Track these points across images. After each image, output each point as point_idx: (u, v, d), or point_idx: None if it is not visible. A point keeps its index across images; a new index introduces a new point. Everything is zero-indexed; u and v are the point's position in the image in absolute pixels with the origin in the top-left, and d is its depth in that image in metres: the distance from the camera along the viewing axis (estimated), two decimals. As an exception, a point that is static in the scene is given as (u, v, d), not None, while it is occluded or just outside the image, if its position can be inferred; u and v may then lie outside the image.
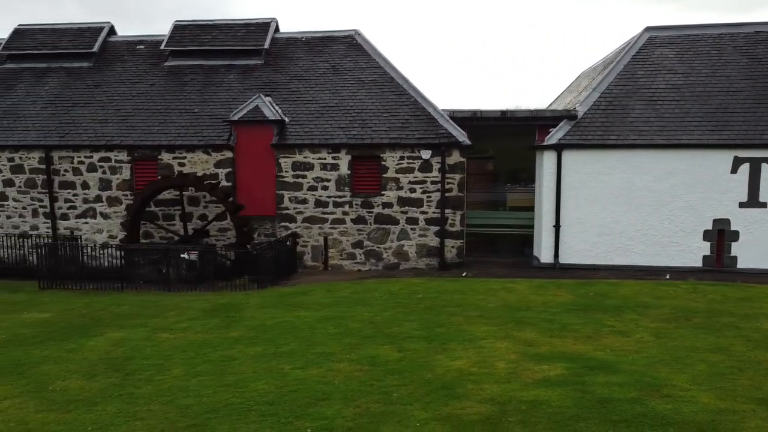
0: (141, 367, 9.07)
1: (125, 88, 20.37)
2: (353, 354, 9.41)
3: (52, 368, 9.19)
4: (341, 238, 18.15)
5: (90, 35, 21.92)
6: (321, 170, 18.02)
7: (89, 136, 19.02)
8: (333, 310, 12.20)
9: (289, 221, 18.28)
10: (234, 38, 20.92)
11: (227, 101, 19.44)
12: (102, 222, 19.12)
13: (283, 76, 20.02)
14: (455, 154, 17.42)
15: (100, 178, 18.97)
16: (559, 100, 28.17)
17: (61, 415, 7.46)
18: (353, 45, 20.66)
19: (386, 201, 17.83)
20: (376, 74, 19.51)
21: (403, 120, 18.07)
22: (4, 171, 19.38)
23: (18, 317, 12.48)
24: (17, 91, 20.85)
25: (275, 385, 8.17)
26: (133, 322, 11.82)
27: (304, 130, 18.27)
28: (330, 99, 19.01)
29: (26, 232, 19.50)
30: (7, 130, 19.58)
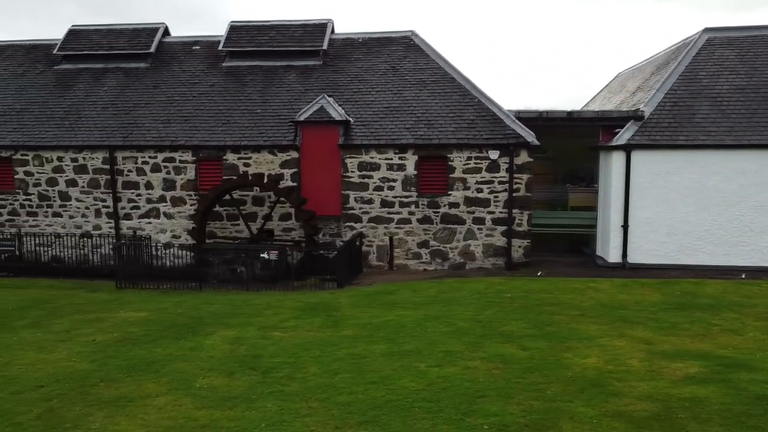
0: (275, 366, 9.16)
1: (185, 89, 20.47)
2: (479, 352, 9.52)
3: (185, 366, 9.28)
4: (407, 238, 18.26)
5: (146, 36, 22.02)
6: (387, 170, 18.13)
7: (153, 137, 19.12)
8: (431, 309, 12.31)
9: (354, 221, 18.39)
10: (292, 39, 21.02)
11: (289, 102, 19.55)
12: (165, 222, 19.22)
13: (343, 77, 20.12)
14: (523, 154, 17.54)
15: (164, 179, 19.07)
16: (597, 101, 28.33)
17: (224, 412, 7.56)
18: (411, 46, 20.77)
19: (453, 201, 17.94)
20: (437, 75, 19.62)
21: (469, 120, 18.18)
22: (68, 171, 19.49)
23: (116, 316, 12.57)
24: (76, 92, 20.95)
25: (422, 382, 8.28)
26: (237, 321, 11.91)
27: (369, 130, 18.38)
28: (393, 100, 19.12)
29: (89, 232, 19.60)
30: (69, 131, 19.68)
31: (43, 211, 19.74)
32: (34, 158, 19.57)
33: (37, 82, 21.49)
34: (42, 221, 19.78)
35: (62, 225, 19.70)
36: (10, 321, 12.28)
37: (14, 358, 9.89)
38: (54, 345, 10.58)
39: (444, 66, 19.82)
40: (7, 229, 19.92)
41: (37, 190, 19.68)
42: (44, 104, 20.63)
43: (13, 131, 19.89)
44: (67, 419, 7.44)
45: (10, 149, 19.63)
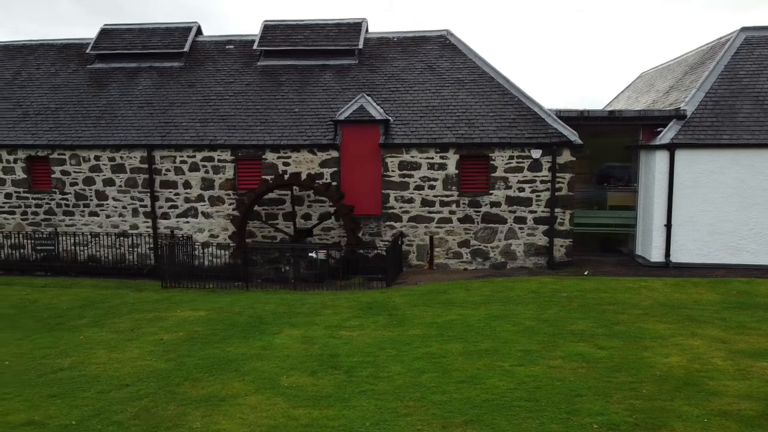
0: (355, 365, 9.13)
1: (221, 88, 20.43)
2: (557, 351, 9.49)
3: (264, 365, 9.25)
4: (447, 237, 18.22)
5: (179, 35, 21.98)
6: (428, 170, 18.10)
7: (191, 136, 19.07)
8: (491, 309, 12.28)
9: (394, 220, 18.36)
10: (327, 38, 20.99)
11: (326, 101, 19.51)
12: (203, 221, 19.18)
13: (379, 76, 20.09)
14: (566, 153, 17.50)
15: (202, 178, 19.03)
16: (621, 101, 28.30)
17: (322, 411, 7.53)
18: (447, 45, 20.74)
19: (494, 200, 17.90)
20: (475, 74, 19.59)
21: (510, 119, 18.15)
22: (105, 170, 19.45)
23: (175, 315, 12.53)
24: (110, 91, 20.91)
25: (512, 382, 8.25)
26: (299, 320, 11.88)
27: (410, 129, 18.34)
28: (431, 99, 19.08)
29: (126, 231, 19.56)
30: (105, 130, 19.64)
31: (79, 210, 19.69)
32: (71, 157, 19.52)
33: (71, 82, 21.44)
34: (78, 220, 19.73)
35: (99, 224, 19.65)
36: (71, 320, 12.25)
37: (87, 357, 9.86)
38: (122, 344, 10.54)
39: (481, 65, 19.79)
40: (44, 228, 19.88)
41: (74, 190, 19.63)
42: (79, 103, 20.58)
43: (50, 130, 19.85)
44: (165, 418, 7.41)
45: (47, 148, 19.58)
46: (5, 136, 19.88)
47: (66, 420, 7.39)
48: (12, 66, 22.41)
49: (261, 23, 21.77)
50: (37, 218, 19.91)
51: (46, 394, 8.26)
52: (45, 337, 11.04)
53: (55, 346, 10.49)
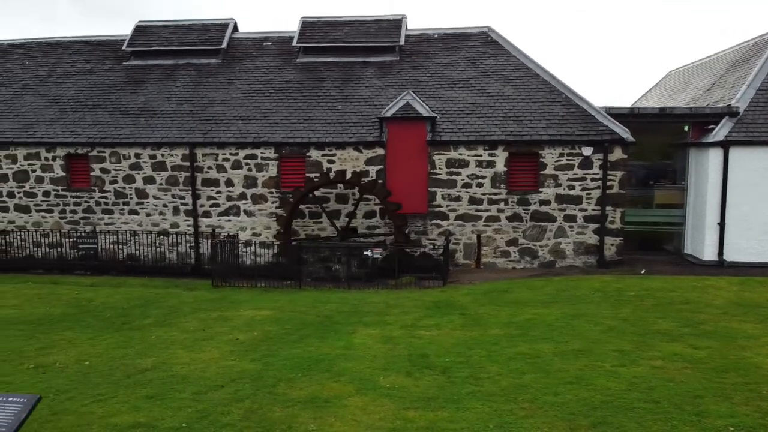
0: (449, 365, 8.90)
1: (261, 85, 20.20)
2: (652, 351, 9.27)
3: (354, 365, 9.00)
4: (495, 236, 17.99)
5: (216, 31, 21.76)
6: (476, 167, 17.86)
7: (233, 133, 18.84)
8: (564, 308, 12.05)
9: (441, 219, 18.13)
10: (367, 35, 20.76)
11: (369, 98, 19.28)
12: (245, 219, 18.94)
13: (422, 72, 19.86)
14: (617, 150, 17.27)
15: (245, 176, 18.79)
16: (650, 99, 28.08)
17: (436, 413, 7.29)
18: (489, 41, 20.51)
19: (543, 198, 17.68)
20: (520, 71, 19.36)
21: (559, 117, 17.92)
22: (145, 168, 19.21)
23: (239, 314, 12.28)
24: (148, 88, 20.68)
25: (621, 383, 8.02)
26: (370, 319, 11.64)
27: (457, 126, 18.12)
28: (477, 96, 18.85)
29: (166, 229, 19.33)
30: (145, 127, 19.40)
31: (119, 208, 19.46)
32: (111, 155, 19.28)
33: (108, 79, 21.20)
34: (118, 219, 19.49)
35: (139, 223, 19.41)
36: (135, 319, 12.01)
37: (168, 357, 9.62)
38: (198, 344, 10.30)
39: (525, 62, 19.57)
40: (82, 227, 19.64)
41: (114, 188, 19.39)
42: (117, 100, 20.35)
43: (88, 128, 19.61)
44: (275, 420, 7.17)
45: (87, 146, 19.34)
46: (43, 133, 19.64)
47: (173, 422, 7.16)
48: (46, 63, 22.18)
49: (299, 20, 21.55)
50: (75, 216, 19.67)
51: (141, 395, 8.02)
52: (116, 337, 10.80)
53: (129, 346, 10.24)
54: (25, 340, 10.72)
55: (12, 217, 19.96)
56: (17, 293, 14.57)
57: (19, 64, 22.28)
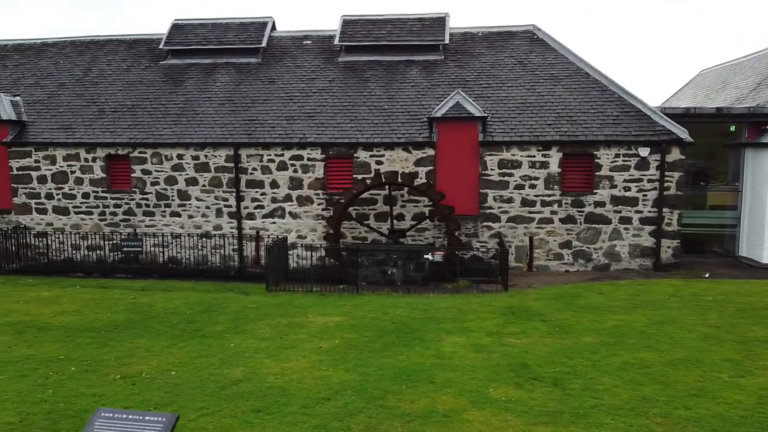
0: (557, 376, 8.55)
1: (303, 84, 19.83)
2: (763, 361, 8.92)
3: (456, 376, 8.65)
4: (548, 239, 17.64)
5: (255, 30, 21.39)
6: (529, 168, 17.51)
7: (279, 134, 18.47)
8: (647, 313, 11.70)
9: (492, 221, 17.77)
10: (410, 33, 20.40)
11: (416, 97, 18.92)
12: (291, 222, 18.57)
13: (469, 71, 19.50)
14: (675, 151, 16.92)
15: (290, 177, 18.42)
16: (684, 99, 27.74)
17: (568, 428, 6.94)
18: (536, 40, 20.16)
19: (598, 200, 17.32)
20: (569, 70, 19.01)
21: (613, 117, 17.57)
22: (188, 169, 18.83)
23: (312, 321, 11.91)
24: (187, 87, 20.30)
25: (749, 395, 7.69)
26: (448, 326, 11.28)
27: (509, 126, 17.76)
28: (527, 95, 18.49)
29: (208, 232, 18.95)
30: (187, 127, 19.03)
31: (160, 210, 19.08)
32: (152, 156, 18.91)
33: (145, 78, 20.83)
34: (159, 221, 19.12)
35: (181, 225, 19.04)
36: (205, 326, 11.63)
37: (256, 367, 9.25)
38: (282, 352, 9.94)
39: (575, 60, 19.22)
40: (122, 229, 19.27)
41: (155, 189, 19.01)
42: (156, 100, 19.98)
43: (128, 128, 19.23)
44: (402, 437, 6.82)
45: (128, 147, 18.96)
46: (82, 134, 19.27)
47: (295, 439, 6.80)
48: (81, 62, 21.81)
49: (339, 18, 21.19)
50: (115, 219, 19.30)
51: (247, 409, 7.66)
52: (192, 345, 10.43)
53: (210, 355, 9.88)
54: (100, 348, 10.36)
55: (50, 219, 19.58)
56: (71, 298, 14.19)
57: (53, 64, 21.91)
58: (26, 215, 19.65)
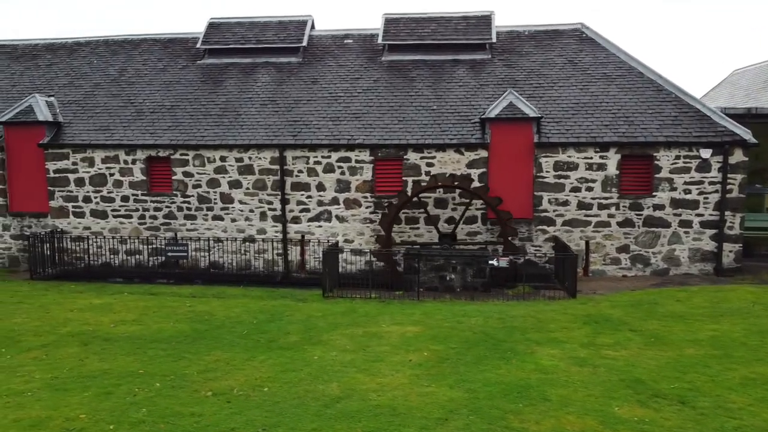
0: (679, 392, 8.07)
1: (347, 84, 19.34)
2: None
3: (569, 392, 8.16)
4: (605, 242, 17.15)
5: (294, 29, 20.90)
6: (586, 170, 17.02)
7: (325, 135, 17.97)
8: (738, 323, 11.22)
9: (547, 224, 17.29)
10: (455, 32, 19.92)
11: (465, 97, 18.44)
12: (337, 225, 18.07)
13: (517, 71, 19.02)
14: (737, 153, 16.45)
15: (337, 179, 17.92)
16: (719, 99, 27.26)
17: (722, 453, 6.46)
18: (585, 39, 19.69)
19: (657, 203, 16.84)
20: (622, 69, 18.53)
21: (672, 117, 17.09)
22: (231, 172, 18.33)
23: (385, 330, 11.40)
24: (227, 87, 19.80)
25: None
26: (536, 336, 10.80)
27: (564, 127, 17.27)
28: (580, 95, 18.01)
29: (252, 236, 18.45)
30: (229, 129, 18.52)
31: (202, 213, 18.57)
32: (194, 158, 18.40)
33: (183, 78, 20.33)
34: (201, 225, 18.61)
35: (223, 229, 18.53)
36: (278, 337, 11.12)
37: (351, 382, 8.76)
38: (371, 366, 9.45)
39: (627, 59, 18.74)
40: (163, 233, 18.76)
41: (197, 192, 18.51)
42: (196, 101, 19.47)
43: (169, 129, 18.72)
44: (546, 464, 6.33)
45: (169, 148, 18.45)
46: (122, 135, 18.76)
47: (430, 466, 6.31)
48: (116, 62, 21.30)
49: (381, 16, 20.69)
50: (155, 222, 18.79)
51: (364, 430, 7.16)
52: (273, 358, 9.93)
53: (296, 369, 9.38)
54: (176, 361, 9.86)
55: (88, 223, 19.07)
56: (125, 306, 13.69)
57: (86, 63, 21.40)
58: (63, 219, 19.14)
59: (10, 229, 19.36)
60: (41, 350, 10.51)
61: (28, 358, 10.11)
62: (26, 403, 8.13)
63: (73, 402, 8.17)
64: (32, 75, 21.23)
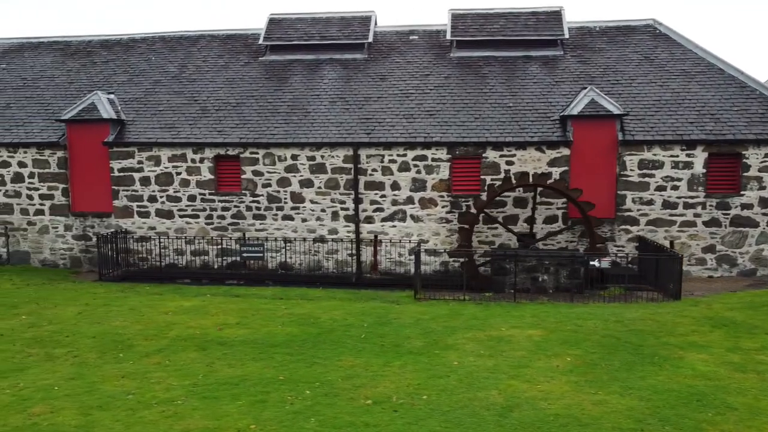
0: None
1: (417, 81, 18.94)
2: None
3: (755, 402, 7.77)
4: (690, 242, 16.78)
5: (358, 24, 20.50)
6: (671, 168, 16.64)
7: (400, 133, 17.57)
8: None
9: (630, 224, 16.91)
10: (526, 27, 19.54)
11: (542, 95, 18.05)
12: (412, 225, 17.67)
13: (592, 68, 18.64)
14: (830, 150, 16.09)
15: (413, 178, 17.52)
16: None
17: None
18: (659, 35, 19.31)
19: (745, 202, 16.47)
20: (701, 65, 18.16)
21: (759, 114, 16.72)
22: (303, 170, 17.92)
23: (506, 333, 11.01)
24: (293, 85, 19.39)
25: None
26: (671, 340, 10.39)
27: (648, 125, 16.89)
28: (660, 92, 17.63)
29: (323, 236, 18.04)
30: (299, 126, 18.12)
31: (272, 213, 18.16)
32: (264, 156, 17.99)
33: (246, 75, 19.92)
34: (270, 225, 18.20)
35: (293, 228, 18.12)
36: (401, 341, 10.69)
37: (509, 390, 8.36)
38: (519, 372, 9.04)
39: (705, 56, 18.37)
40: (230, 233, 18.35)
41: (267, 191, 18.09)
42: (262, 98, 19.06)
43: (237, 127, 18.31)
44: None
45: (238, 147, 18.04)
46: (188, 133, 18.35)
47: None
48: (174, 58, 20.89)
49: (448, 12, 20.30)
50: (223, 222, 18.37)
51: (563, 442, 6.78)
52: (409, 363, 9.51)
53: (442, 375, 8.97)
54: (309, 366, 9.45)
55: (153, 223, 18.65)
56: (218, 308, 13.25)
57: (144, 60, 20.99)
58: (127, 219, 18.72)
59: (72, 229, 18.94)
60: (159, 355, 10.10)
61: (150, 363, 9.70)
62: (183, 412, 7.73)
63: (231, 411, 7.77)
64: (89, 72, 20.81)
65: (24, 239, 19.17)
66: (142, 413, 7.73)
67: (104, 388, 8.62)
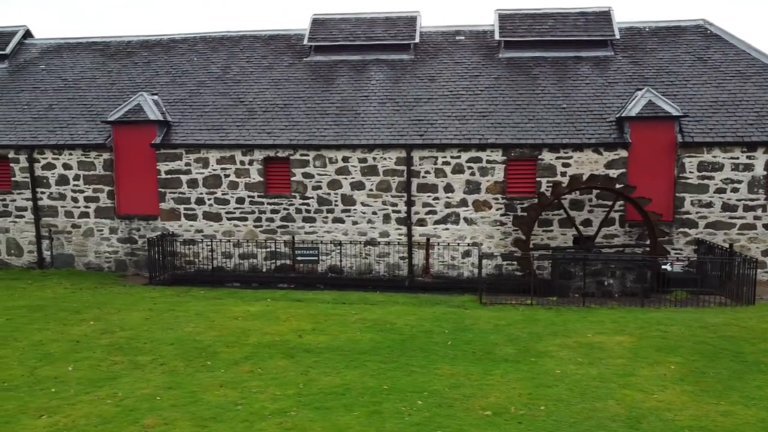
0: None
1: (467, 82, 18.73)
2: None
3: None
4: (749, 245, 16.58)
5: (404, 25, 20.27)
6: (731, 171, 16.45)
7: (453, 135, 17.36)
8: None
9: (688, 227, 16.71)
10: (575, 28, 19.33)
11: (596, 96, 17.84)
12: (465, 228, 17.46)
13: (645, 68, 18.43)
14: None
15: (467, 180, 17.31)
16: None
17: None
18: (710, 35, 19.11)
19: (807, 204, 16.28)
20: (756, 66, 17.96)
21: (820, 116, 16.52)
22: (354, 173, 17.70)
23: (594, 340, 10.79)
24: (340, 86, 19.17)
25: None
26: None
27: (707, 126, 16.69)
28: (716, 93, 17.44)
29: (374, 239, 17.83)
30: (350, 128, 17.90)
31: (321, 216, 17.95)
32: (315, 158, 17.77)
33: (292, 76, 19.70)
34: (320, 228, 17.98)
35: (344, 231, 17.90)
36: (491, 348, 10.49)
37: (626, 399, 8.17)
38: (626, 381, 8.84)
39: (759, 57, 18.19)
40: (279, 236, 18.13)
41: (317, 194, 17.88)
42: (309, 99, 18.84)
43: (286, 129, 18.09)
44: None
45: (288, 148, 17.82)
46: (237, 135, 18.13)
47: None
48: (217, 59, 20.67)
49: (495, 12, 20.09)
50: (272, 225, 18.16)
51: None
52: (511, 372, 9.29)
53: (549, 384, 8.77)
54: (408, 375, 9.23)
55: (200, 226, 18.42)
56: (286, 313, 13.02)
57: (186, 60, 20.77)
58: (173, 221, 18.50)
59: (117, 232, 18.72)
60: (248, 363, 9.88)
61: (243, 372, 9.49)
62: (302, 425, 7.51)
63: (350, 423, 7.56)
64: (131, 73, 20.59)
65: (68, 242, 18.94)
66: (260, 425, 7.51)
67: (207, 398, 8.41)
